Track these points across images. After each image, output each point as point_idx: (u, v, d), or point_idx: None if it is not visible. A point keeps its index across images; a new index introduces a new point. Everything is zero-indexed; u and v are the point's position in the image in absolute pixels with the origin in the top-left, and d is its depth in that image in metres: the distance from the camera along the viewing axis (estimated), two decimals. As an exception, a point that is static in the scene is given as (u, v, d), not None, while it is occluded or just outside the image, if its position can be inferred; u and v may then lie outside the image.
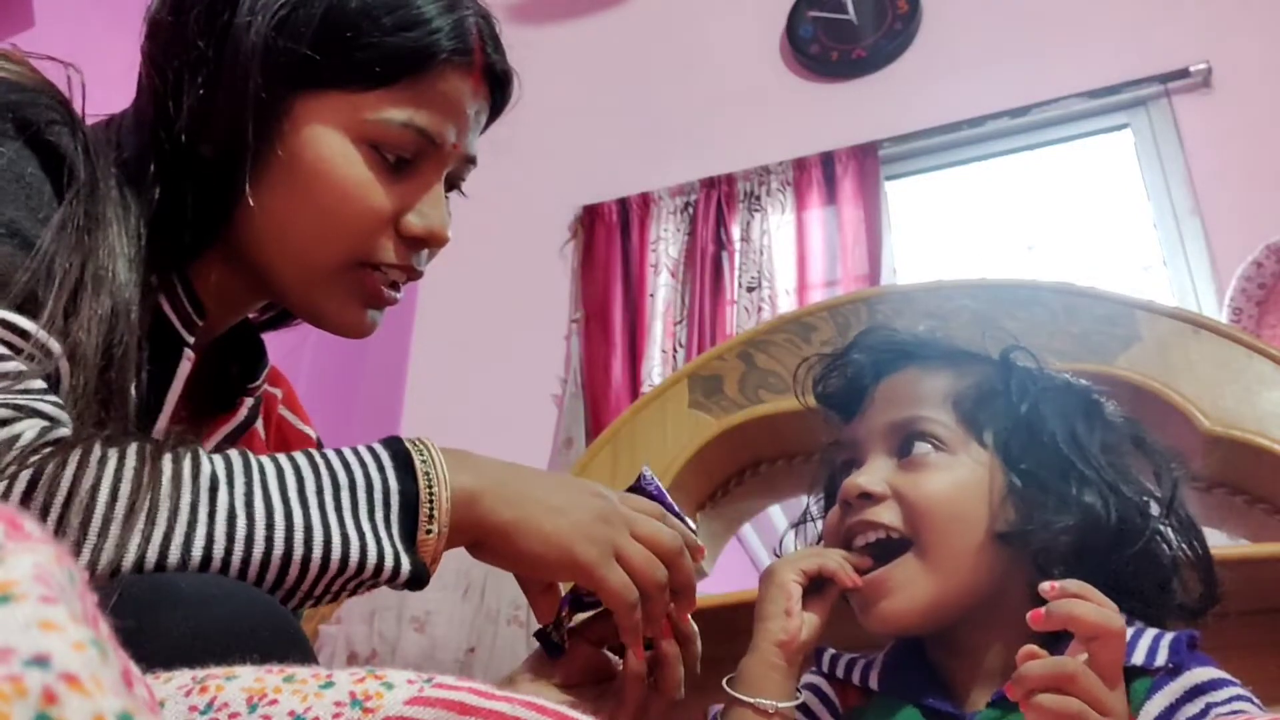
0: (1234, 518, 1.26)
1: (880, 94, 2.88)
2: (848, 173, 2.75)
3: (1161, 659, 0.73)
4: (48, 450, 0.56)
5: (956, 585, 0.79)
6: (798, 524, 0.98)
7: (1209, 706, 0.70)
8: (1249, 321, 1.95)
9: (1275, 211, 2.26)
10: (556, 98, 3.11)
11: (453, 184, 0.82)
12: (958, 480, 0.81)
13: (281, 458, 0.62)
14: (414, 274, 0.79)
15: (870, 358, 0.91)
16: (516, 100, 0.84)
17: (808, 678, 0.89)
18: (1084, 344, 1.28)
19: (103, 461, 0.56)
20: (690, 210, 2.87)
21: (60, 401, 0.60)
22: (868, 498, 0.81)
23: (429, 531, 0.64)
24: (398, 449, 0.66)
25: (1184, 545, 0.83)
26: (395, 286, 0.79)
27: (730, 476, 1.44)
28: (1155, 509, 0.82)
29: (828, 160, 2.78)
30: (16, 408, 0.57)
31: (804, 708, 0.86)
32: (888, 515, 0.81)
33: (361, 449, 0.65)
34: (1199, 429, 1.19)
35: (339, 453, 0.64)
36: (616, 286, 2.83)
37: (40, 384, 0.59)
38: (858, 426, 0.88)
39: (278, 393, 0.93)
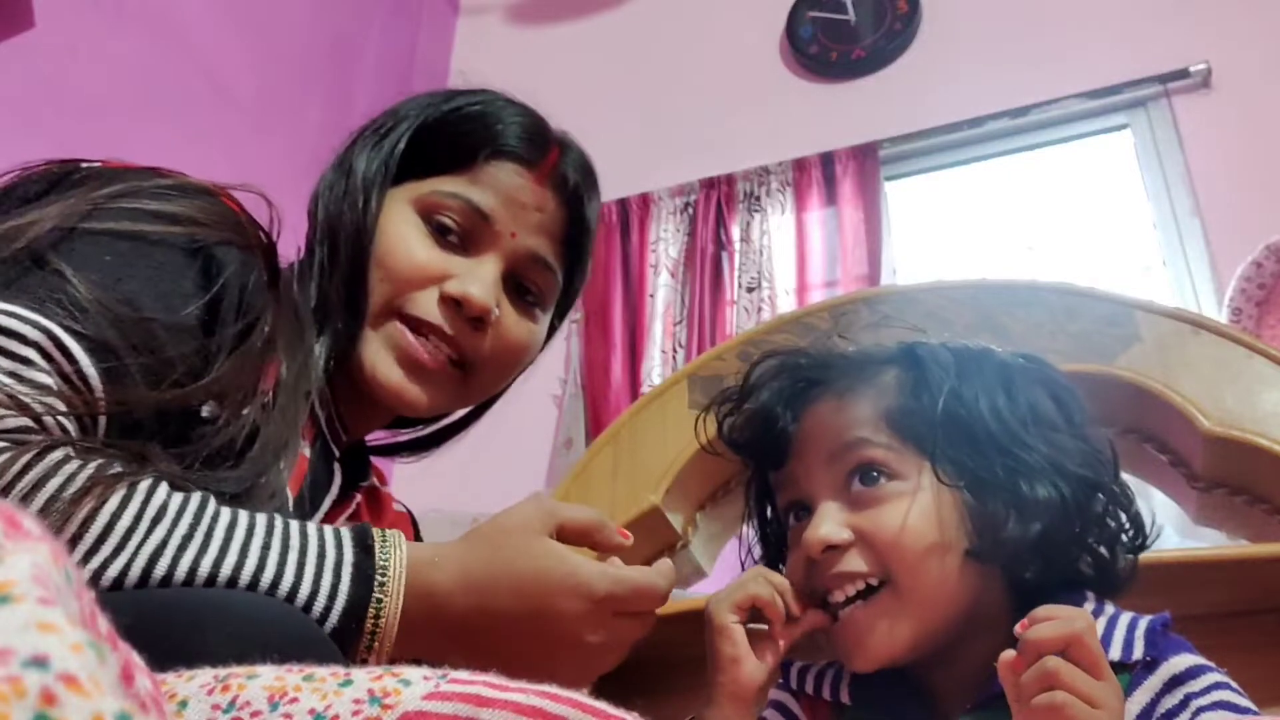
0: (1234, 518, 1.26)
1: (880, 94, 2.88)
2: (847, 173, 2.75)
3: (1139, 651, 0.72)
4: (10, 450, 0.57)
5: (938, 614, 0.76)
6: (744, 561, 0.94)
7: (1188, 698, 0.69)
8: (1249, 321, 1.95)
9: (1275, 211, 2.27)
10: (556, 98, 3.11)
11: (529, 290, 0.89)
12: (918, 508, 0.77)
13: (242, 512, 0.64)
14: (453, 342, 0.84)
15: (781, 397, 0.85)
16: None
17: (773, 694, 0.86)
18: (1084, 344, 1.28)
19: (61, 463, 0.58)
20: (690, 210, 2.87)
21: (57, 393, 0.61)
22: (834, 549, 0.77)
23: (379, 601, 0.64)
24: (362, 530, 0.67)
25: (1121, 494, 0.81)
26: (438, 357, 0.83)
27: (730, 476, 1.43)
28: (1095, 471, 0.79)
29: (827, 160, 2.78)
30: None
31: None
32: (857, 563, 0.77)
33: (328, 528, 0.67)
34: (1199, 429, 1.19)
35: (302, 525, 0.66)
36: (616, 286, 2.83)
37: (47, 381, 0.61)
38: (793, 469, 0.83)
39: (388, 489, 0.99)
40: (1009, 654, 0.65)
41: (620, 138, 3.06)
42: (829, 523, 0.78)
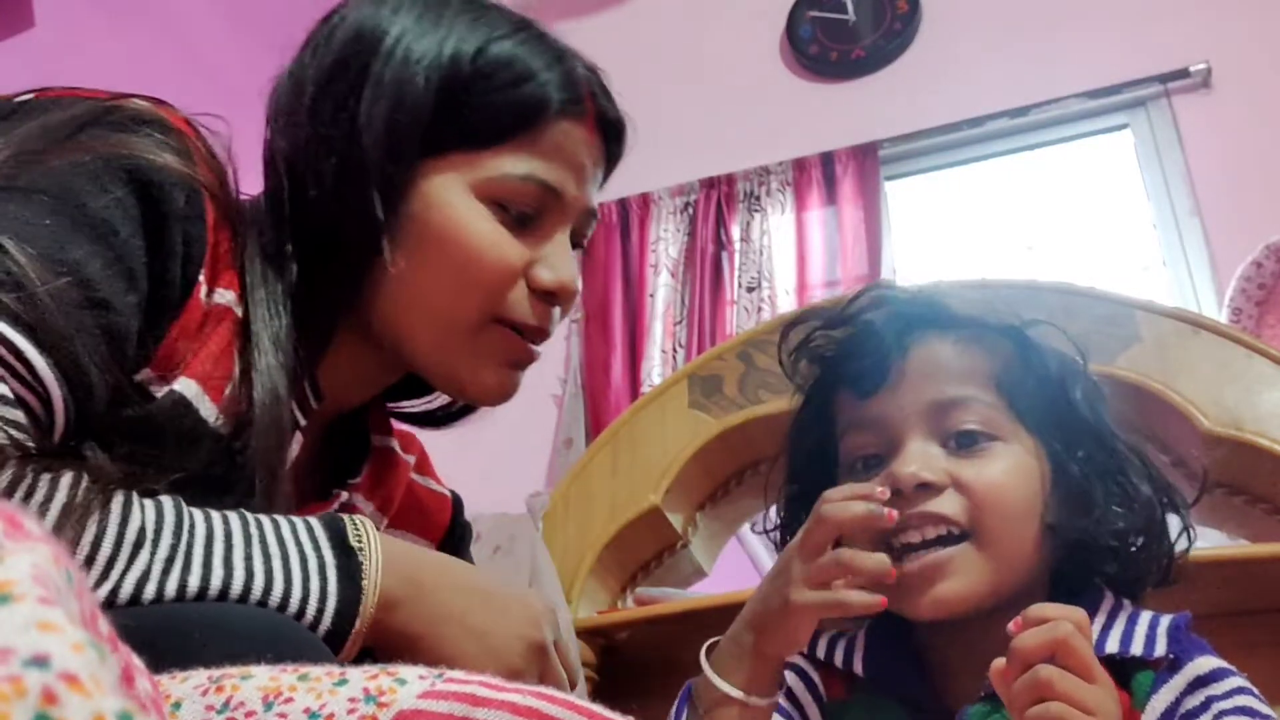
0: (1234, 518, 1.26)
1: (880, 94, 2.88)
2: (848, 173, 2.75)
3: (1161, 648, 0.72)
4: None
5: (1012, 575, 0.75)
6: (781, 528, 0.91)
7: (1209, 700, 0.69)
8: (1249, 321, 1.95)
9: (1275, 211, 2.26)
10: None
11: (576, 240, 0.81)
12: (1017, 467, 0.76)
13: (216, 519, 0.61)
14: (545, 335, 0.79)
15: (893, 325, 0.81)
16: (630, 149, 0.84)
17: (793, 659, 0.83)
18: (1084, 344, 1.28)
19: (31, 489, 0.54)
20: (690, 210, 2.87)
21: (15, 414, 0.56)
22: (925, 488, 0.74)
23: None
24: (338, 527, 0.64)
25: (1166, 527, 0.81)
26: (538, 346, 0.79)
27: (730, 476, 1.44)
28: (1168, 494, 0.80)
29: (827, 160, 2.78)
30: None
31: (789, 693, 0.81)
32: (950, 507, 0.74)
33: (299, 524, 0.64)
34: (1199, 429, 1.19)
35: (274, 522, 0.63)
36: (616, 286, 2.83)
37: (6, 392, 0.56)
38: (885, 404, 0.79)
39: (410, 459, 0.92)
40: (1000, 663, 0.65)
41: (620, 138, 3.06)
42: (925, 461, 0.75)
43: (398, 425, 0.91)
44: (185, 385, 0.65)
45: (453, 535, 0.94)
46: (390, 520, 0.88)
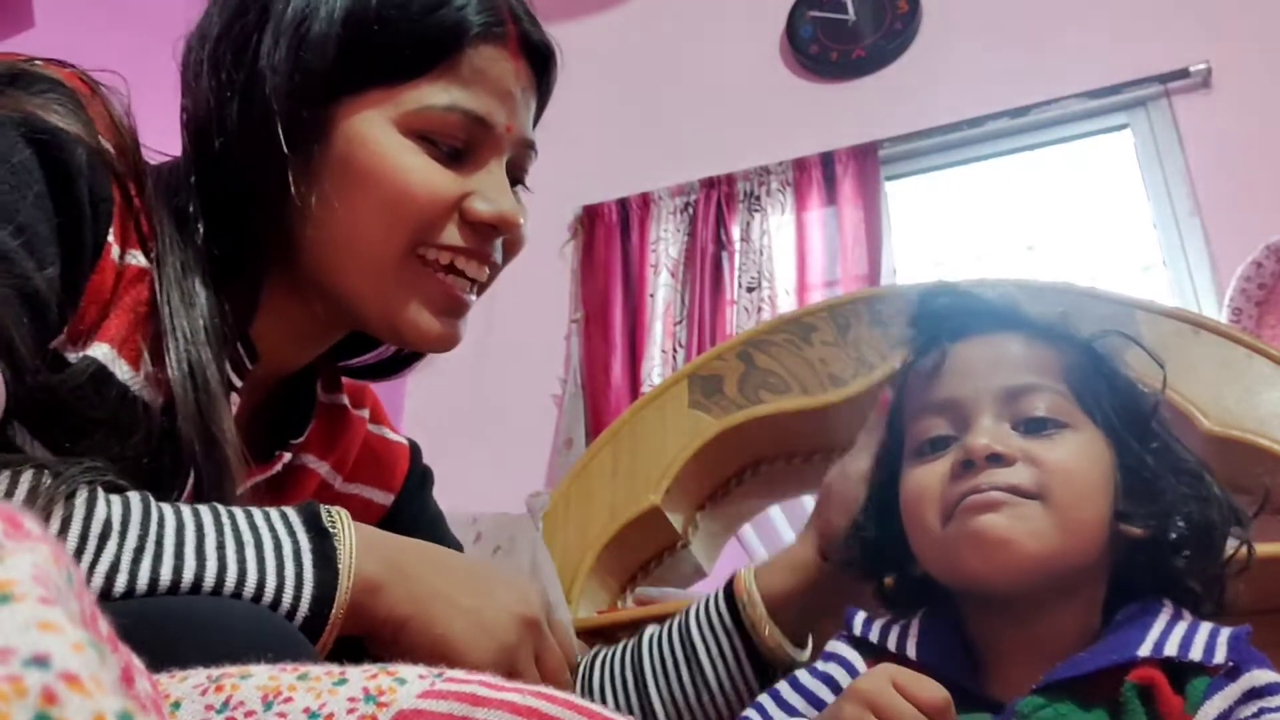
0: (1234, 518, 1.26)
1: (880, 94, 2.88)
2: (848, 173, 2.75)
3: (1220, 656, 0.71)
4: None
5: (1075, 549, 0.75)
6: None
7: (1262, 711, 0.69)
8: (1249, 321, 1.95)
9: (1275, 211, 2.27)
10: (556, 98, 3.11)
11: (516, 176, 0.79)
12: (1087, 451, 0.77)
13: (186, 512, 0.60)
14: (489, 262, 0.76)
15: (967, 317, 0.85)
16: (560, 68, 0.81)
17: (836, 647, 0.83)
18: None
19: None
20: (690, 210, 2.87)
21: None
22: (997, 460, 0.76)
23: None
24: (312, 511, 0.63)
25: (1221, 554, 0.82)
26: (470, 289, 0.76)
27: (730, 476, 1.43)
28: (1234, 514, 0.81)
29: (828, 160, 2.78)
30: None
31: (832, 683, 0.80)
32: (1021, 476, 0.74)
33: (273, 512, 0.62)
34: (1199, 429, 1.19)
35: (248, 512, 0.62)
36: (616, 286, 2.83)
37: None
38: (956, 387, 0.80)
39: (365, 413, 0.89)
40: None
41: (620, 138, 3.06)
42: (996, 435, 0.76)
43: (348, 381, 0.88)
44: (98, 349, 0.63)
45: (411, 481, 0.92)
46: (346, 475, 0.87)
